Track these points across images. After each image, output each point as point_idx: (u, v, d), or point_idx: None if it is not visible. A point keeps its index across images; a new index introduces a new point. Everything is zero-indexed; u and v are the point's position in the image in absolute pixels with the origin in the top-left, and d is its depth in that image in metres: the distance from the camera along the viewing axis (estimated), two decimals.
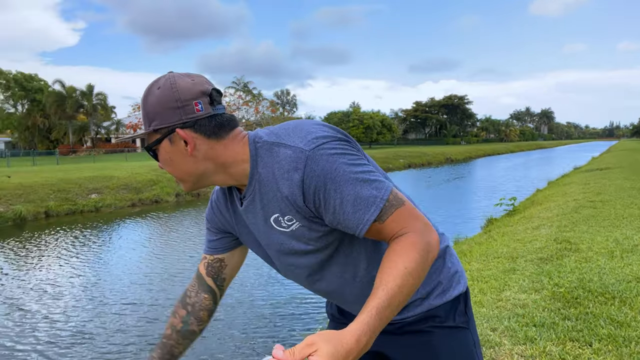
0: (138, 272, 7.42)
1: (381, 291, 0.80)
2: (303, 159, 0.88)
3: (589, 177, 13.54)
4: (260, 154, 0.95)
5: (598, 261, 4.18)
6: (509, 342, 2.68)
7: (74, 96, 46.01)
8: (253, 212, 1.00)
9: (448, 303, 1.08)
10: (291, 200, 0.92)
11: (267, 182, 0.94)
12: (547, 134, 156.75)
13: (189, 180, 0.98)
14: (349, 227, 0.90)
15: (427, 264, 0.86)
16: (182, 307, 1.18)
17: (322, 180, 0.87)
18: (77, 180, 15.66)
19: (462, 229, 9.06)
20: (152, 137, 0.94)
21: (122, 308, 5.75)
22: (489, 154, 55.32)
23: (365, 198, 0.87)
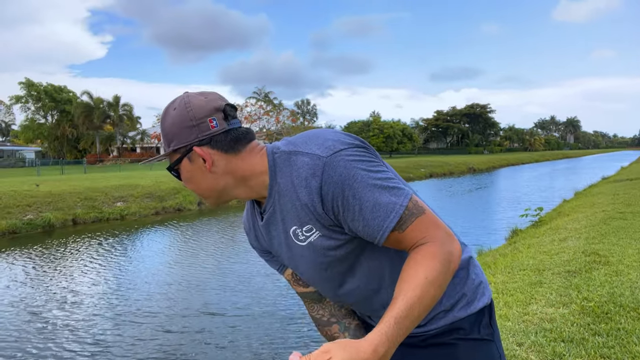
0: (159, 281, 7.51)
1: (400, 301, 0.79)
2: (321, 166, 0.87)
3: (618, 188, 13.13)
4: (279, 164, 0.95)
5: (629, 275, 4.03)
6: (536, 357, 2.61)
7: (101, 107, 47.40)
8: (274, 224, 1.01)
9: (473, 315, 1.05)
10: (311, 208, 0.91)
11: (286, 192, 0.94)
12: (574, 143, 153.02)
13: (212, 195, 0.99)
14: (368, 234, 0.89)
15: (448, 274, 0.85)
16: (329, 327, 1.15)
17: (340, 187, 0.86)
18: (104, 188, 16.06)
19: (486, 240, 8.90)
20: (172, 157, 0.96)
21: (142, 318, 5.80)
22: (513, 163, 54.32)
23: (384, 204, 0.86)
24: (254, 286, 6.91)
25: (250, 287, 6.89)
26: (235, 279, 7.37)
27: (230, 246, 10.36)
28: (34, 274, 8.13)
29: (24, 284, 7.49)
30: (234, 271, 7.90)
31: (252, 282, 7.11)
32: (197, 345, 4.89)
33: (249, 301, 6.24)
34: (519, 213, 9.50)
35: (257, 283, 7.14)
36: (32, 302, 6.52)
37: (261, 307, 6.01)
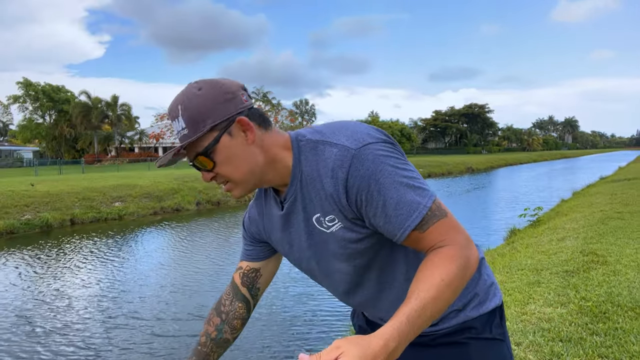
0: (154, 283, 7.42)
1: (414, 300, 0.79)
2: (349, 158, 0.87)
3: (616, 188, 13.16)
4: (304, 152, 0.94)
5: (627, 274, 4.04)
6: (534, 357, 2.61)
7: (99, 107, 47.32)
8: (295, 213, 0.99)
9: (485, 315, 1.05)
10: (335, 199, 0.91)
11: (310, 181, 0.93)
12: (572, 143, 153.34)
13: (246, 180, 0.94)
14: (388, 231, 0.89)
15: (464, 279, 0.84)
16: (216, 315, 1.19)
17: (366, 181, 0.86)
18: (102, 188, 16.03)
19: (484, 240, 8.92)
20: (205, 140, 0.89)
21: (135, 321, 5.67)
22: (511, 163, 54.41)
23: (408, 203, 0.85)
24: None
25: None
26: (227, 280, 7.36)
27: (227, 247, 10.35)
28: (27, 276, 8.10)
29: (15, 285, 7.40)
30: (229, 273, 7.86)
31: None
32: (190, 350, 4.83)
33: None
34: (517, 213, 9.52)
35: None
36: (22, 304, 6.43)
37: (256, 310, 5.97)
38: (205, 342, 1.18)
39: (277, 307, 6.01)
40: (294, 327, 5.37)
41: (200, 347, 1.18)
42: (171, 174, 21.02)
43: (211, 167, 0.92)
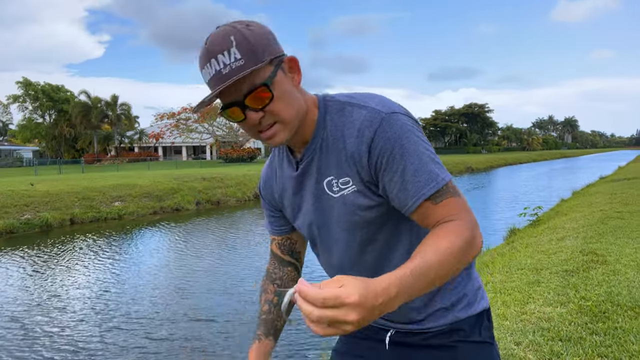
0: (152, 284, 7.37)
1: (419, 259, 0.77)
2: (378, 120, 0.88)
3: (616, 187, 13.15)
4: (330, 111, 0.95)
5: (627, 274, 4.04)
6: (533, 357, 2.61)
7: (99, 106, 47.30)
8: (309, 174, 0.99)
9: (473, 317, 1.05)
10: (356, 158, 0.91)
11: (332, 141, 0.94)
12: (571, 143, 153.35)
13: (293, 122, 0.91)
14: (401, 199, 0.88)
15: (468, 255, 0.83)
16: (271, 282, 1.20)
17: (391, 144, 0.87)
18: (101, 188, 16.03)
19: (484, 239, 8.83)
20: (264, 72, 0.85)
21: (131, 323, 5.58)
22: (511, 163, 54.41)
23: (427, 172, 0.86)
24: (247, 289, 6.81)
25: (244, 290, 6.77)
26: (229, 281, 7.24)
27: (226, 247, 10.34)
28: (25, 276, 8.09)
29: (12, 285, 7.38)
30: (228, 273, 7.80)
31: (246, 286, 7.00)
32: (187, 353, 4.70)
33: (242, 305, 6.10)
34: (517, 212, 9.52)
35: (251, 286, 7.09)
36: (18, 305, 6.36)
37: (251, 313, 5.80)
38: (269, 309, 1.19)
39: None
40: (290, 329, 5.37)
41: (265, 315, 1.18)
42: (171, 174, 21.03)
43: (269, 101, 0.86)
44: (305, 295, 0.65)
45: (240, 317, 5.67)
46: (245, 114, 0.88)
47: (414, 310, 1.04)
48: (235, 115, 0.89)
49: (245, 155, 42.12)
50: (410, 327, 1.06)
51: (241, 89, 0.85)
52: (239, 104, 0.87)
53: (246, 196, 19.61)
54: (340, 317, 0.64)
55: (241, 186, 20.13)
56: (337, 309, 0.64)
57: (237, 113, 0.88)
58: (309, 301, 0.65)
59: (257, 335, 1.17)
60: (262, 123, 0.89)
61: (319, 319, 0.65)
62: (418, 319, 1.05)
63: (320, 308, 0.64)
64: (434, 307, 1.04)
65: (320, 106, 0.96)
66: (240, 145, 45.38)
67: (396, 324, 1.08)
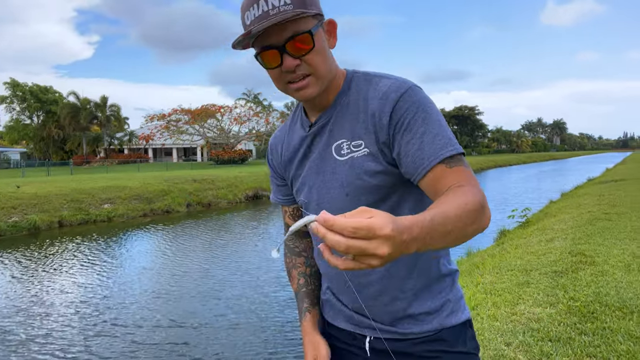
0: (140, 288, 7.26)
1: (437, 209, 0.74)
2: (405, 87, 0.92)
3: (604, 189, 13.33)
4: (356, 80, 0.99)
5: (615, 275, 4.09)
6: (523, 357, 2.63)
7: (88, 108, 46.81)
8: (319, 136, 1.01)
9: (458, 326, 1.04)
10: (376, 118, 0.92)
11: (353, 104, 0.97)
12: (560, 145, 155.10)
13: (326, 77, 0.94)
14: (417, 159, 0.88)
15: (479, 221, 0.79)
16: (296, 256, 1.22)
17: (414, 107, 0.90)
18: (91, 190, 15.86)
19: (474, 241, 8.96)
20: (309, 22, 0.89)
21: (118, 328, 5.44)
22: (501, 165, 54.85)
23: (446, 138, 0.88)
24: (238, 294, 6.70)
25: (232, 295, 6.65)
26: (218, 285, 7.12)
27: (216, 250, 10.29)
28: (11, 279, 7.96)
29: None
30: (217, 277, 7.74)
31: (237, 289, 6.89)
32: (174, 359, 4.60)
33: (232, 310, 5.96)
34: (506, 214, 9.60)
35: (243, 290, 7.02)
36: (1, 309, 6.24)
37: (245, 315, 5.73)
38: (306, 281, 1.19)
39: (267, 313, 5.94)
40: (285, 332, 5.33)
41: (305, 287, 1.19)
42: (161, 176, 20.88)
43: (309, 50, 0.89)
44: (333, 223, 0.60)
45: (228, 322, 5.55)
46: (282, 59, 0.89)
47: (399, 306, 1.02)
48: (271, 60, 0.91)
49: (237, 157, 41.97)
50: (393, 330, 1.04)
51: (284, 34, 0.87)
52: (279, 48, 0.88)
53: (237, 198, 19.54)
54: (371, 249, 0.60)
55: (232, 188, 20.05)
56: (368, 240, 0.60)
57: (274, 57, 0.90)
58: (336, 230, 0.60)
59: (306, 308, 1.17)
60: (296, 72, 0.91)
61: (347, 249, 0.60)
62: (401, 316, 1.03)
63: (350, 238, 0.60)
64: (418, 308, 1.02)
65: (348, 76, 1.00)
66: (232, 147, 45.21)
67: (379, 324, 1.05)
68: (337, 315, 1.13)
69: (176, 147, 55.23)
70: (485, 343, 2.83)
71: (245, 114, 46.87)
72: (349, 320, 1.11)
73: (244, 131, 48.02)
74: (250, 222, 14.81)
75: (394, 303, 1.02)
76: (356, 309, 1.08)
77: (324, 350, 1.11)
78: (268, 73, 0.96)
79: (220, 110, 45.37)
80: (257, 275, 7.60)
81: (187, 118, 44.42)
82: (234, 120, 46.53)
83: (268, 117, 47.43)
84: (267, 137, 46.99)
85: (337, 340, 1.14)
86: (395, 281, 1.01)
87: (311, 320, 1.15)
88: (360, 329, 1.09)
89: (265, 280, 7.23)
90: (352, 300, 1.07)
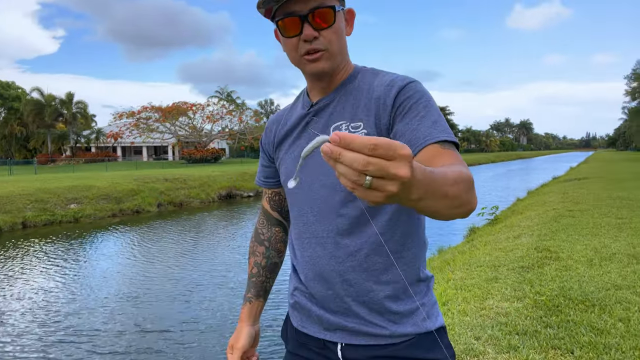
0: (105, 292, 6.98)
1: (436, 169, 0.71)
2: (411, 79, 0.98)
3: (568, 187, 13.83)
4: (363, 72, 1.04)
5: (578, 269, 4.25)
6: (492, 350, 2.70)
7: (53, 104, 45.15)
8: (318, 117, 1.04)
9: (432, 332, 1.03)
10: (380, 100, 0.96)
11: (356, 91, 1.01)
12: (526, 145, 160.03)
13: (338, 56, 0.99)
14: (414, 136, 0.90)
15: (470, 195, 0.77)
16: (259, 244, 1.25)
17: (419, 95, 0.95)
18: (56, 190, 15.32)
19: (446, 238, 9.15)
20: (333, 0, 0.96)
21: (81, 336, 5.18)
22: (471, 164, 56.10)
23: (444, 126, 0.92)
24: (209, 296, 6.53)
25: (202, 298, 6.49)
26: (190, 288, 6.89)
27: (186, 251, 10.12)
28: None
29: None
30: (186, 279, 7.54)
31: (206, 292, 6.73)
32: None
33: (202, 314, 5.78)
34: (476, 212, 9.82)
35: (214, 293, 6.91)
36: None
37: (216, 321, 5.52)
38: (258, 271, 1.23)
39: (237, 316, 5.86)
40: None
41: (255, 278, 1.23)
42: (130, 175, 20.37)
43: (330, 25, 0.95)
44: (351, 141, 0.53)
45: (197, 326, 5.38)
46: (302, 28, 0.94)
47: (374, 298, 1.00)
48: (292, 28, 0.95)
49: (209, 156, 41.37)
50: (365, 331, 1.01)
51: (309, 3, 0.92)
52: (301, 17, 0.93)
53: (210, 197, 19.27)
54: (392, 169, 0.54)
55: (205, 187, 19.77)
56: (388, 160, 0.54)
57: (295, 25, 0.94)
58: (355, 148, 0.53)
59: (248, 297, 1.22)
60: (313, 44, 0.95)
61: (366, 166, 0.53)
62: (376, 309, 1.00)
63: (369, 156, 0.53)
64: (393, 306, 1.00)
65: (357, 68, 1.05)
66: (204, 145, 44.52)
67: (352, 320, 1.02)
68: (307, 319, 1.10)
69: (146, 146, 53.98)
70: (455, 338, 2.89)
71: (218, 112, 46.20)
72: (319, 323, 1.07)
73: (216, 130, 47.39)
74: (223, 221, 14.63)
75: (369, 294, 1.01)
76: (329, 300, 1.03)
77: (244, 340, 1.18)
78: (284, 44, 1.00)
79: (192, 108, 44.55)
80: (229, 277, 7.51)
81: (157, 116, 43.42)
82: (207, 119, 45.81)
83: (241, 116, 46.92)
84: (240, 135, 46.51)
85: (309, 350, 1.10)
86: (373, 274, 1.01)
87: (249, 310, 1.22)
88: (330, 334, 1.05)
89: (238, 282, 7.16)
90: (327, 288, 1.03)
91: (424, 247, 1.08)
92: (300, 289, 1.11)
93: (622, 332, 2.82)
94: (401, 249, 1.02)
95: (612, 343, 2.68)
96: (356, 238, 1.00)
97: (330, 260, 1.02)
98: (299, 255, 1.11)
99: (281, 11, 0.95)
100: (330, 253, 1.02)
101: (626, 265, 4.32)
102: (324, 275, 1.03)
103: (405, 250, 1.02)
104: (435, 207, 0.70)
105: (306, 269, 1.08)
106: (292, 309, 1.15)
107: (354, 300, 1.01)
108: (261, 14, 0.99)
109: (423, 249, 1.08)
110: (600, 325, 2.93)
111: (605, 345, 2.66)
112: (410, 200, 0.63)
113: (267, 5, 0.95)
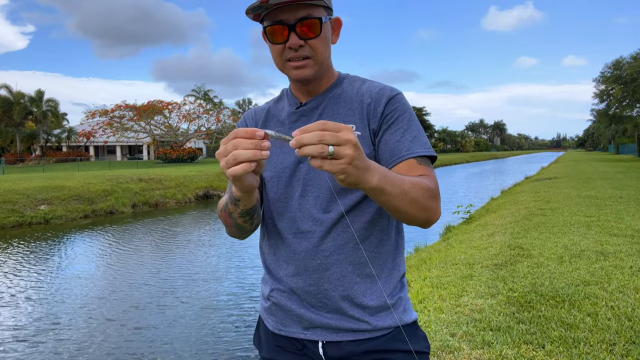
0: (76, 294, 6.82)
1: (396, 173, 0.89)
2: (397, 91, 1.06)
3: (539, 186, 14.21)
4: (350, 79, 1.10)
5: (549, 266, 4.38)
6: (467, 346, 2.75)
7: (21, 102, 43.66)
8: (306, 116, 1.06)
9: (410, 325, 1.07)
10: (371, 108, 1.03)
11: (345, 96, 1.06)
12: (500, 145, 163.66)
13: (322, 64, 1.03)
14: (397, 148, 0.99)
15: (431, 205, 0.93)
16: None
17: (404, 108, 1.04)
18: (25, 190, 14.83)
19: (422, 237, 9.25)
20: (320, 11, 0.99)
21: (53, 342, 5.09)
22: (446, 164, 57.00)
23: (424, 142, 1.02)
24: (182, 300, 6.46)
25: (180, 300, 6.42)
26: (164, 291, 6.76)
27: (162, 252, 9.95)
28: None
29: None
30: (165, 281, 7.45)
31: (180, 294, 6.65)
32: None
33: (177, 317, 5.68)
34: (452, 210, 9.99)
35: (189, 295, 6.83)
36: None
37: (191, 324, 5.41)
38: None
39: (214, 318, 5.81)
40: (232, 337, 5.26)
41: None
42: (103, 175, 19.89)
43: (316, 35, 0.98)
44: (306, 128, 0.73)
45: (171, 330, 5.23)
46: (289, 36, 0.97)
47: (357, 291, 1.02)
48: (279, 35, 0.98)
49: (186, 156, 40.77)
50: (347, 327, 1.03)
51: (297, 13, 0.96)
52: (289, 26, 0.96)
53: (187, 198, 19.00)
54: (343, 135, 0.72)
55: (181, 187, 19.47)
56: (336, 132, 0.72)
57: (282, 33, 0.98)
58: (309, 130, 0.72)
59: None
60: (298, 51, 0.99)
61: (322, 137, 0.71)
62: (358, 302, 1.02)
63: (322, 131, 0.72)
64: (375, 300, 1.03)
65: (341, 75, 1.11)
66: (180, 145, 43.84)
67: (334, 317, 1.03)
68: (286, 319, 1.08)
69: (120, 145, 52.79)
70: (431, 335, 2.93)
71: (194, 111, 45.56)
72: (298, 323, 1.06)
73: (193, 129, 46.69)
74: (199, 222, 14.45)
75: (354, 287, 1.03)
76: (311, 295, 1.04)
77: None
78: (270, 49, 1.03)
79: (168, 107, 43.80)
80: (205, 278, 7.42)
81: (132, 114, 42.52)
82: (183, 118, 45.12)
83: (219, 115, 46.41)
84: (218, 135, 45.98)
85: (286, 353, 1.09)
86: (358, 267, 1.03)
87: None
88: (310, 332, 1.05)
89: (213, 284, 7.08)
90: (310, 284, 1.03)
91: (403, 243, 1.14)
92: (279, 289, 1.09)
93: (590, 327, 2.92)
94: (384, 244, 1.07)
95: (580, 337, 2.77)
96: (342, 232, 1.03)
97: (317, 254, 1.03)
98: (281, 251, 1.08)
99: (269, 18, 0.98)
100: (317, 247, 1.03)
101: (594, 262, 4.46)
102: (308, 269, 1.03)
103: (387, 245, 1.07)
104: (397, 204, 0.86)
105: (288, 265, 1.07)
106: (267, 313, 1.14)
107: (339, 295, 1.02)
108: (249, 18, 1.02)
109: (402, 244, 1.14)
110: (570, 320, 3.02)
111: (574, 340, 2.74)
112: (372, 188, 0.79)
113: (254, 13, 0.99)
